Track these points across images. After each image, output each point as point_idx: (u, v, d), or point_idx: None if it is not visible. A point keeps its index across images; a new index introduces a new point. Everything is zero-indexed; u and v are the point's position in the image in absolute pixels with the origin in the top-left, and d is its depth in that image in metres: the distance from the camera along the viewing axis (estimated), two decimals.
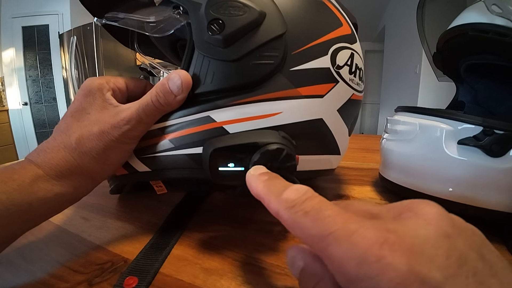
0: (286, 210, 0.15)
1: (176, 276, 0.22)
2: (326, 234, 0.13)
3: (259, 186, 0.18)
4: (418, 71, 2.59)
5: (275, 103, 0.25)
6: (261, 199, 0.18)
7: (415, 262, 0.11)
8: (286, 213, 0.15)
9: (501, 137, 0.26)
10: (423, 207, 0.14)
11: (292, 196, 0.15)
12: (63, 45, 2.89)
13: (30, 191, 0.21)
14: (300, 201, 0.15)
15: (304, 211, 0.14)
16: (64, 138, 0.23)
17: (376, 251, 0.11)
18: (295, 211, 0.15)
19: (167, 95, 0.24)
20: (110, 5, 0.29)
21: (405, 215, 0.14)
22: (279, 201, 0.16)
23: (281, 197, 0.16)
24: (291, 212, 0.15)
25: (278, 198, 0.16)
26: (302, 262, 0.16)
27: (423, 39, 0.46)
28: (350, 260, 0.12)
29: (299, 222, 0.14)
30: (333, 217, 0.13)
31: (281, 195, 0.16)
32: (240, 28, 0.24)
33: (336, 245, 0.12)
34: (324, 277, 0.15)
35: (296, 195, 0.15)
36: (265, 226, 0.30)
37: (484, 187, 0.27)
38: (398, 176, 0.35)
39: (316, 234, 0.13)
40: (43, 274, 0.22)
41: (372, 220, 0.13)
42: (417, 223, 0.13)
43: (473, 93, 0.43)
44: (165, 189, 0.31)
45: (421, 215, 0.13)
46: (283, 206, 0.15)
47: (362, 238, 0.12)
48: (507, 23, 0.29)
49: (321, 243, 0.13)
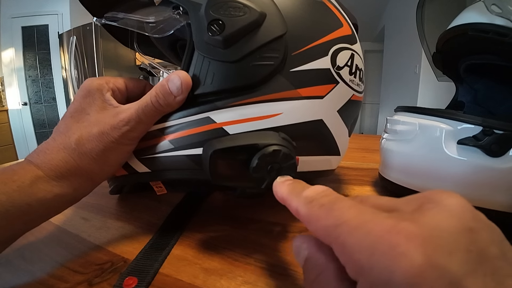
0: (304, 205, 0.16)
1: (175, 276, 0.22)
2: (340, 223, 0.13)
3: (283, 189, 0.19)
4: (417, 71, 2.59)
5: (275, 104, 0.25)
6: (284, 201, 0.18)
7: (433, 253, 0.10)
8: (304, 207, 0.16)
9: (501, 137, 0.26)
10: (446, 198, 0.13)
11: (311, 194, 0.16)
12: (63, 45, 2.89)
13: (30, 192, 0.21)
14: (318, 197, 0.16)
15: (320, 204, 0.15)
16: (63, 139, 0.23)
17: (390, 239, 0.11)
18: (312, 205, 0.15)
19: (166, 95, 0.24)
20: (109, 5, 0.29)
21: (426, 206, 0.13)
22: (298, 199, 0.17)
23: (301, 195, 0.17)
24: (308, 206, 0.16)
25: (298, 197, 0.17)
26: (306, 251, 0.16)
27: (423, 39, 0.46)
28: (362, 248, 0.11)
29: (315, 214, 0.15)
30: (347, 208, 0.14)
31: (301, 194, 0.17)
32: (240, 29, 0.24)
33: (348, 233, 0.12)
34: (327, 268, 0.15)
35: (315, 193, 0.16)
36: (265, 226, 0.30)
37: (483, 187, 0.28)
38: (398, 176, 0.35)
39: (330, 223, 0.13)
40: (43, 275, 0.22)
41: (390, 212, 0.13)
42: (440, 214, 0.12)
43: (473, 93, 0.43)
44: (165, 190, 0.31)
45: (444, 206, 0.12)
46: (302, 202, 0.16)
47: (376, 226, 0.12)
48: (507, 23, 0.29)
49: (334, 232, 0.13)
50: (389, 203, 0.15)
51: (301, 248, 0.17)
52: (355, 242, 0.12)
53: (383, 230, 0.11)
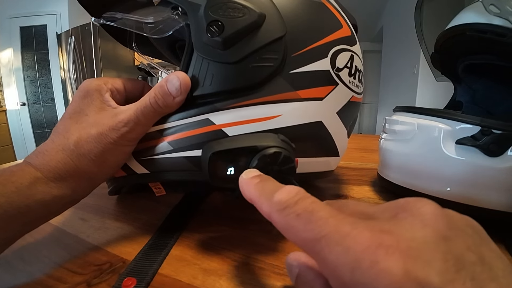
0: (278, 213, 0.15)
1: (175, 276, 0.22)
2: (319, 238, 0.12)
3: (251, 189, 0.18)
4: (416, 71, 2.60)
5: (275, 106, 0.25)
6: (253, 203, 0.17)
7: (411, 266, 0.10)
8: (278, 216, 0.15)
9: (499, 136, 0.27)
10: (419, 207, 0.13)
11: (284, 198, 0.15)
12: (61, 45, 2.88)
13: (29, 194, 0.21)
14: (292, 202, 0.14)
15: (296, 213, 0.14)
16: (62, 140, 0.23)
17: (370, 256, 0.11)
18: (287, 214, 0.14)
19: (165, 96, 0.24)
20: (108, 5, 0.28)
21: (400, 216, 0.13)
22: (270, 204, 0.15)
23: (273, 199, 0.15)
24: (282, 214, 0.14)
25: (269, 201, 0.15)
26: (297, 269, 0.17)
27: (421, 39, 0.46)
28: (344, 265, 0.11)
29: (291, 225, 0.14)
30: (325, 219, 0.13)
31: (272, 197, 0.15)
32: (240, 30, 0.24)
33: (329, 249, 0.12)
34: (315, 284, 0.15)
35: (287, 196, 0.15)
36: (264, 227, 0.30)
37: (482, 186, 0.28)
38: (397, 176, 0.35)
39: (309, 237, 0.13)
40: (42, 275, 0.22)
41: (367, 221, 0.13)
42: (413, 224, 0.12)
43: (471, 93, 0.44)
44: (163, 191, 0.30)
45: (417, 215, 0.13)
46: (274, 209, 0.15)
47: (355, 241, 0.12)
48: (505, 23, 0.29)
49: (314, 247, 0.13)
50: (367, 210, 0.15)
51: (292, 266, 0.17)
52: (336, 259, 0.12)
53: (363, 245, 0.11)
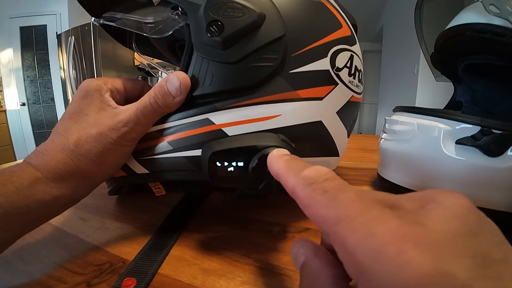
0: (304, 187, 0.14)
1: (174, 276, 0.22)
2: (343, 217, 0.12)
3: (280, 163, 0.17)
4: (416, 71, 2.60)
5: (274, 106, 0.25)
6: (279, 177, 0.17)
7: (441, 260, 0.10)
8: (303, 189, 0.14)
9: (499, 136, 0.27)
10: (449, 198, 0.12)
11: (312, 174, 0.15)
12: (61, 45, 2.88)
13: (29, 194, 0.21)
14: (321, 179, 0.14)
15: (323, 189, 0.13)
16: (62, 140, 0.23)
17: (396, 244, 0.10)
18: (313, 189, 0.14)
19: (165, 96, 0.24)
20: (108, 5, 0.28)
21: (429, 207, 0.12)
22: (297, 178, 0.15)
23: (301, 174, 0.15)
24: (309, 189, 0.14)
25: (297, 175, 0.15)
26: (303, 257, 0.16)
27: (421, 39, 0.46)
28: (365, 250, 0.11)
29: (316, 200, 0.13)
30: (352, 200, 0.12)
31: (301, 172, 0.15)
32: (240, 30, 0.24)
33: (351, 230, 0.11)
34: (322, 274, 0.14)
35: (316, 174, 0.15)
36: (264, 227, 0.30)
37: (482, 186, 0.28)
38: (397, 176, 0.35)
39: (331, 215, 0.12)
40: (42, 275, 0.22)
41: (393, 209, 0.12)
42: (443, 217, 0.11)
43: (471, 93, 0.44)
44: (163, 191, 0.30)
45: (447, 207, 0.12)
46: (301, 183, 0.15)
47: (382, 227, 0.11)
48: (505, 23, 0.29)
49: (334, 226, 0.12)
50: (389, 198, 0.14)
51: (298, 254, 0.16)
52: (357, 242, 0.11)
53: (390, 232, 0.11)
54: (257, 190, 0.23)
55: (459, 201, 0.12)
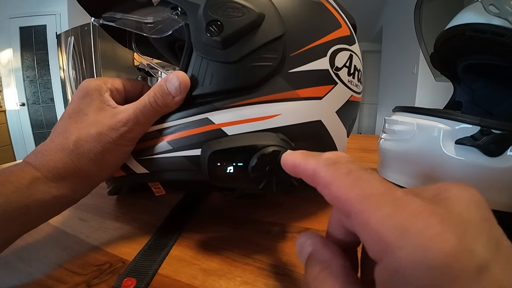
0: (326, 167, 0.14)
1: (174, 277, 0.22)
2: (368, 195, 0.12)
3: (295, 156, 0.18)
4: (415, 71, 2.60)
5: (274, 105, 0.25)
6: (297, 167, 0.17)
7: (464, 237, 0.10)
8: (325, 169, 0.14)
9: (499, 136, 0.27)
10: (461, 190, 0.13)
11: (334, 156, 0.15)
12: (61, 45, 2.88)
13: (28, 194, 0.21)
14: (344, 160, 0.15)
15: (348, 169, 0.14)
16: (61, 140, 0.23)
17: (423, 220, 0.11)
18: (337, 168, 0.14)
19: (165, 96, 0.24)
20: (107, 5, 0.28)
21: (443, 196, 0.13)
22: (318, 160, 0.15)
23: (321, 156, 0.15)
24: (332, 168, 0.14)
25: (317, 159, 0.15)
26: (311, 247, 0.16)
27: (421, 40, 0.46)
28: (392, 225, 0.11)
29: (340, 179, 0.14)
30: (378, 180, 0.13)
31: (320, 156, 0.16)
32: (239, 30, 0.24)
33: (377, 207, 0.12)
34: (332, 264, 0.14)
35: (336, 156, 0.15)
36: (264, 227, 0.30)
37: (481, 186, 0.27)
38: (396, 176, 0.35)
39: (356, 194, 0.13)
40: (41, 276, 0.22)
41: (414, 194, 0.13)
42: (459, 203, 0.12)
43: (471, 93, 0.44)
44: (163, 191, 0.30)
45: (461, 196, 0.12)
46: (322, 163, 0.15)
47: (408, 205, 0.11)
48: (504, 23, 0.29)
49: (358, 205, 0.12)
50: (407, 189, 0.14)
51: (305, 245, 0.16)
52: (383, 219, 0.11)
53: (416, 210, 0.11)
54: (257, 189, 0.23)
55: (471, 191, 0.13)
